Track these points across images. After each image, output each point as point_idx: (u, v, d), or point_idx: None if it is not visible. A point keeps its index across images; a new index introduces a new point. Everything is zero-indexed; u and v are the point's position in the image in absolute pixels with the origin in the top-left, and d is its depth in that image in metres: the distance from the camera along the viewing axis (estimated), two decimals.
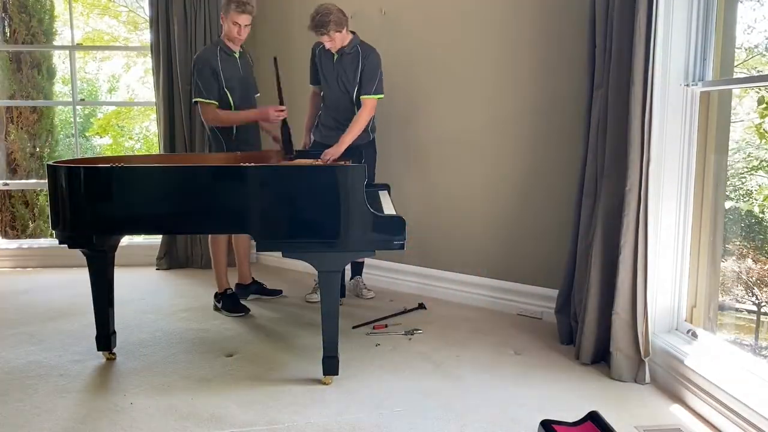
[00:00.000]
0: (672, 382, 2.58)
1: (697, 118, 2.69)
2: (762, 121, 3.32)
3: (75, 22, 6.31)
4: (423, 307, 3.74)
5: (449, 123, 3.87)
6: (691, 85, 2.66)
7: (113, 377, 2.80)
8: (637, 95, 2.59)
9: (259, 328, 3.44)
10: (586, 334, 2.85)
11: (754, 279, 3.88)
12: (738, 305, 3.86)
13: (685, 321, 2.77)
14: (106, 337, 2.93)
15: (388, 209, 2.91)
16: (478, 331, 3.35)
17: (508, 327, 3.43)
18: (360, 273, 4.08)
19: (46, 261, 4.87)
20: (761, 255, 3.80)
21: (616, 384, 2.69)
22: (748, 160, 3.90)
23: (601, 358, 2.87)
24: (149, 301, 3.94)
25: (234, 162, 3.25)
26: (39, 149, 6.18)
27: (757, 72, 3.51)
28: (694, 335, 2.65)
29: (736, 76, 2.85)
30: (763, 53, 3.40)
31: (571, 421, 2.22)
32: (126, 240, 4.20)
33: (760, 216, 4.01)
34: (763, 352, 3.57)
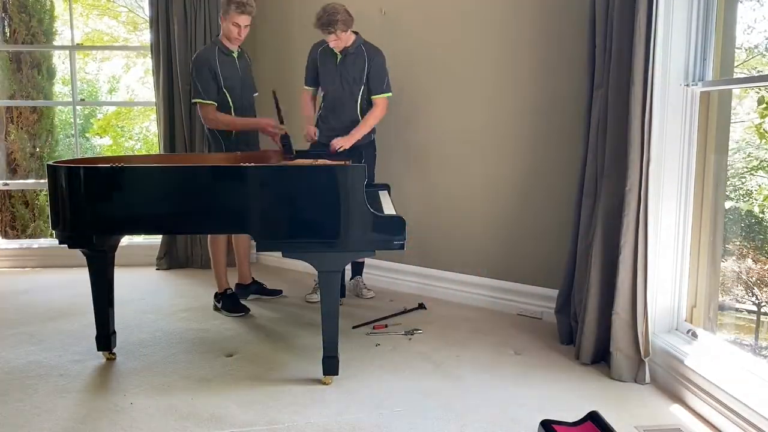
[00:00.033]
0: (672, 382, 2.58)
1: (697, 118, 2.69)
2: (762, 121, 3.32)
3: (75, 22, 6.31)
4: (423, 307, 3.74)
5: (449, 123, 3.87)
6: (691, 85, 2.66)
7: (113, 377, 2.80)
8: (637, 95, 2.59)
9: (259, 328, 3.44)
10: (586, 334, 2.85)
11: (754, 279, 3.88)
12: (738, 305, 3.86)
13: (685, 321, 2.77)
14: (106, 337, 2.93)
15: (388, 209, 2.90)
16: (478, 331, 3.35)
17: (508, 327, 3.43)
18: (360, 273, 4.08)
19: (46, 261, 4.87)
20: (761, 255, 3.80)
21: (616, 384, 2.69)
22: (748, 160, 3.90)
23: (601, 358, 2.87)
24: (149, 301, 3.94)
25: (234, 162, 3.25)
26: (39, 149, 6.18)
27: (757, 72, 3.51)
28: (694, 335, 2.65)
29: (736, 76, 2.85)
30: (763, 53, 3.40)
31: (571, 421, 2.22)
32: (126, 240, 4.20)
33: (760, 216, 4.01)
34: (763, 352, 3.57)
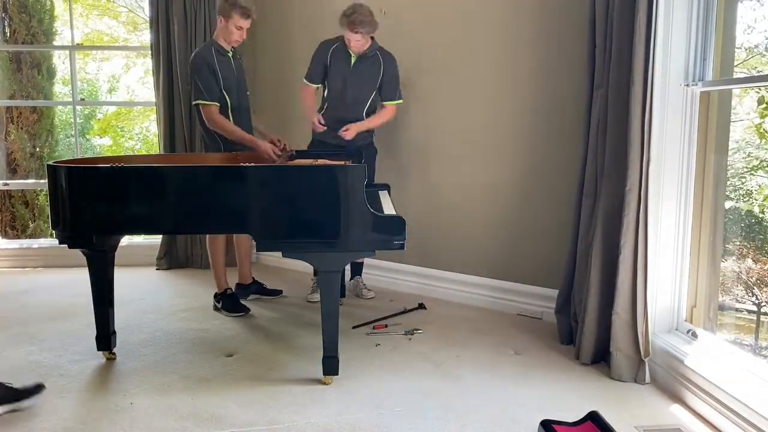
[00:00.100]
0: (672, 382, 2.58)
1: (697, 118, 2.69)
2: (762, 121, 3.32)
3: (75, 22, 6.31)
4: (423, 307, 3.74)
5: (449, 123, 3.87)
6: (691, 85, 2.66)
7: (113, 377, 2.80)
8: (637, 95, 2.59)
9: (259, 328, 3.45)
10: (586, 334, 2.85)
11: (754, 279, 3.88)
12: (738, 305, 3.86)
13: (685, 321, 2.77)
14: (106, 337, 2.93)
15: (388, 209, 2.90)
16: (478, 331, 3.35)
17: (508, 327, 3.43)
18: (360, 273, 4.08)
19: (46, 261, 4.87)
20: (761, 255, 3.81)
21: (616, 384, 2.69)
22: (748, 160, 3.90)
23: (601, 358, 2.87)
24: (149, 301, 3.94)
25: (234, 162, 3.25)
26: (39, 149, 6.18)
27: (757, 72, 3.51)
28: (694, 335, 2.65)
29: (736, 76, 2.85)
30: (763, 53, 3.40)
31: (571, 421, 2.22)
32: (126, 240, 4.20)
33: (760, 216, 4.01)
34: (763, 352, 3.58)
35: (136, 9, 9.02)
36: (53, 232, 2.82)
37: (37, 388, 2.52)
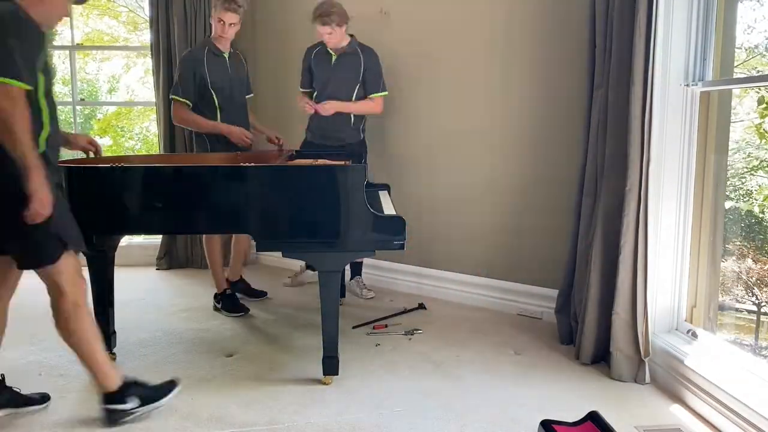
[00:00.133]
0: (672, 382, 2.58)
1: (697, 118, 2.69)
2: (762, 121, 3.32)
3: (74, 22, 6.30)
4: (423, 307, 3.74)
5: (449, 123, 3.87)
6: (691, 85, 2.66)
7: None
8: (637, 95, 2.59)
9: (259, 328, 3.45)
10: (586, 334, 2.85)
11: (754, 279, 3.88)
12: (738, 305, 3.86)
13: (685, 321, 2.77)
14: (106, 337, 2.91)
15: (388, 209, 2.90)
16: (478, 331, 3.35)
17: (508, 327, 3.43)
18: (359, 273, 4.09)
19: None
20: (761, 255, 3.81)
21: (616, 384, 2.69)
22: (748, 160, 3.90)
23: (601, 358, 2.87)
24: (149, 301, 3.94)
25: (234, 162, 3.25)
26: None
27: (757, 72, 3.51)
28: (694, 335, 2.65)
29: (736, 76, 2.85)
30: (763, 53, 3.40)
31: (571, 421, 2.22)
32: (126, 240, 4.20)
33: (760, 216, 4.01)
34: (763, 352, 3.58)
35: (136, 9, 9.01)
36: None
37: (42, 399, 2.51)
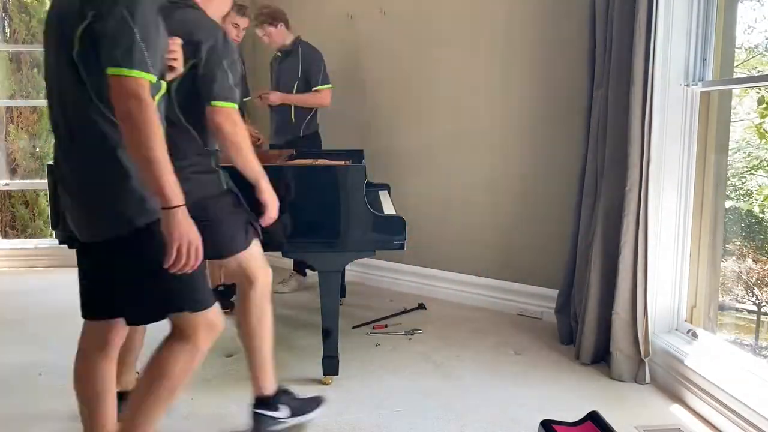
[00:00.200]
0: (672, 382, 2.58)
1: (697, 118, 2.69)
2: (762, 121, 3.33)
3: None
4: (423, 307, 3.74)
5: (449, 123, 3.86)
6: (691, 85, 2.66)
7: None
8: (637, 95, 2.59)
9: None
10: (586, 334, 2.85)
11: (754, 279, 3.88)
12: (738, 305, 3.87)
13: (685, 321, 2.77)
14: None
15: (388, 209, 2.90)
16: (478, 331, 3.35)
17: (508, 327, 3.43)
18: (304, 274, 4.17)
19: (46, 261, 4.86)
20: (761, 255, 3.81)
21: (616, 384, 2.69)
22: (748, 159, 3.91)
23: (601, 358, 2.87)
24: None
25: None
26: (39, 149, 6.17)
27: (757, 72, 3.51)
28: (694, 335, 2.65)
29: (736, 76, 2.85)
30: (763, 53, 3.41)
31: (571, 421, 2.22)
32: None
33: (760, 216, 4.01)
34: (763, 352, 3.58)
35: None
36: (53, 232, 2.82)
37: (317, 402, 2.39)
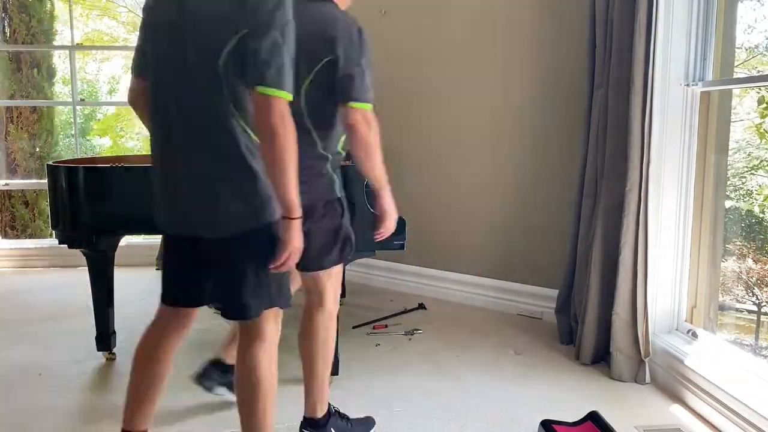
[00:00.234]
0: (672, 382, 2.58)
1: (697, 118, 2.69)
2: (762, 120, 3.32)
3: (75, 22, 6.30)
4: (423, 307, 3.74)
5: (449, 123, 3.86)
6: (691, 85, 2.66)
7: (113, 377, 2.79)
8: (637, 95, 2.59)
9: None
10: (586, 334, 2.85)
11: (754, 279, 3.88)
12: (738, 305, 3.86)
13: (686, 321, 2.77)
14: (106, 337, 2.93)
15: None
16: (478, 331, 3.35)
17: (508, 327, 3.43)
18: None
19: (46, 261, 4.86)
20: (761, 255, 3.81)
21: (616, 384, 2.69)
22: (748, 159, 3.90)
23: (601, 358, 2.87)
24: (149, 301, 3.90)
25: None
26: (39, 149, 6.17)
27: (757, 72, 3.51)
28: (695, 335, 2.65)
29: (736, 76, 2.85)
30: (763, 53, 3.41)
31: (571, 421, 2.22)
32: (126, 240, 4.19)
33: (760, 216, 4.01)
34: (763, 352, 3.58)
35: (136, 9, 9.01)
36: (53, 232, 2.82)
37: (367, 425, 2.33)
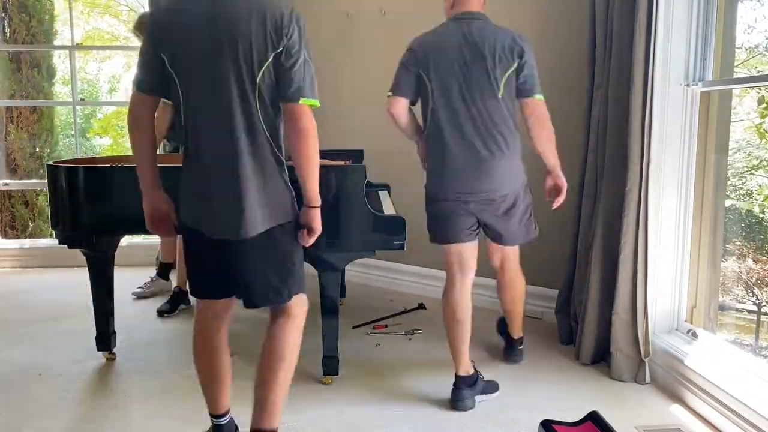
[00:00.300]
0: (672, 382, 2.58)
1: (697, 118, 2.69)
2: (762, 120, 3.33)
3: (75, 21, 6.29)
4: (423, 307, 3.74)
5: None
6: (691, 85, 2.66)
7: (113, 377, 2.80)
8: (637, 95, 2.59)
9: (259, 328, 3.43)
10: (586, 334, 2.85)
11: (754, 279, 3.88)
12: (738, 305, 3.87)
13: (686, 321, 2.77)
14: (106, 337, 2.93)
15: (388, 209, 2.91)
16: (477, 331, 3.34)
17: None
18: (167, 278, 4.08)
19: (46, 261, 4.86)
20: (761, 255, 3.81)
21: (616, 384, 2.69)
22: (748, 159, 3.91)
23: (601, 358, 2.87)
24: (149, 301, 3.93)
25: None
26: (39, 149, 6.17)
27: (757, 72, 3.51)
28: (695, 335, 2.65)
29: (736, 76, 2.85)
30: (763, 53, 3.41)
31: (571, 421, 2.22)
32: (126, 240, 4.19)
33: (760, 216, 4.01)
34: (763, 352, 3.58)
35: (137, 8, 9.01)
36: (53, 232, 2.82)
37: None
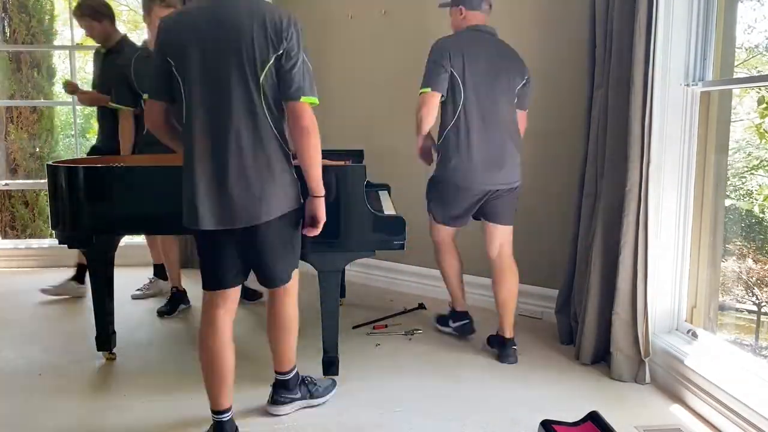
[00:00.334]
0: (672, 382, 2.58)
1: (697, 118, 2.69)
2: (762, 121, 3.33)
3: (75, 22, 6.30)
4: (423, 307, 3.74)
5: None
6: (691, 85, 2.66)
7: (113, 377, 2.80)
8: (637, 95, 2.59)
9: (259, 328, 3.44)
10: (586, 334, 2.85)
11: (754, 279, 3.88)
12: (738, 305, 3.87)
13: (686, 321, 2.77)
14: (106, 337, 2.93)
15: (388, 209, 2.90)
16: (478, 331, 3.35)
17: None
18: (165, 278, 4.02)
19: (46, 261, 4.86)
20: (761, 255, 3.81)
21: (616, 384, 2.69)
22: (748, 159, 3.91)
23: (601, 358, 2.87)
24: (149, 301, 3.93)
25: None
26: (39, 149, 6.17)
27: (757, 72, 3.51)
28: (695, 335, 2.65)
29: (736, 76, 2.85)
30: (763, 53, 3.41)
31: (571, 421, 2.22)
32: (126, 240, 4.19)
33: (760, 216, 4.01)
34: (763, 352, 3.58)
35: (137, 8, 9.01)
36: (53, 232, 2.82)
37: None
